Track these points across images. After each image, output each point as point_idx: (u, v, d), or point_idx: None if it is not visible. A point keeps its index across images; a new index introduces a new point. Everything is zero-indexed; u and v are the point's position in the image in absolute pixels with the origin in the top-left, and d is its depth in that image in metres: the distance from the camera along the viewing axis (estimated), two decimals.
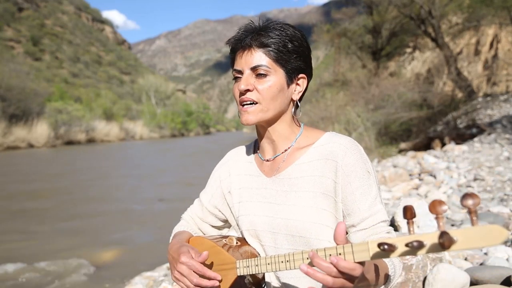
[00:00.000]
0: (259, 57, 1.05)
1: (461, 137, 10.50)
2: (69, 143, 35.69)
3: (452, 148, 8.84)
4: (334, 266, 0.74)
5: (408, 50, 23.83)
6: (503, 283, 1.92)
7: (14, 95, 32.38)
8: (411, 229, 0.68)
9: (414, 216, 0.68)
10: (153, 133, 55.13)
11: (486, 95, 15.95)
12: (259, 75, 1.05)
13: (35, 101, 34.76)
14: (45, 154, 25.58)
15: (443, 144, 10.64)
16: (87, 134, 39.54)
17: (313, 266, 0.78)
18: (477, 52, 20.52)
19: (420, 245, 0.64)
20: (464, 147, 8.69)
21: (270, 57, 1.05)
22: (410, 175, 6.37)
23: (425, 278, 1.97)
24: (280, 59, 1.05)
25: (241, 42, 1.07)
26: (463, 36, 19.98)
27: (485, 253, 2.50)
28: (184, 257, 1.02)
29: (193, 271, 1.01)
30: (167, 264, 4.11)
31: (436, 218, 0.64)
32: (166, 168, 16.22)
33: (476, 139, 9.64)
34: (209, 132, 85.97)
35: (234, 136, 61.41)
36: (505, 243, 2.74)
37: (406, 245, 0.65)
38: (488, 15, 17.22)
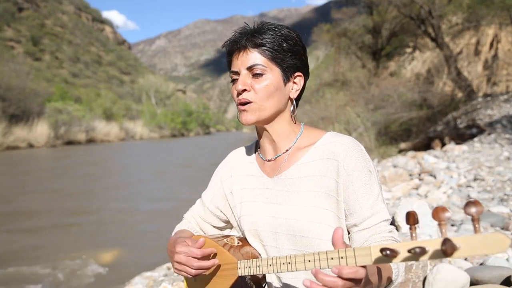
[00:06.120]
0: (254, 56, 1.06)
1: (461, 137, 10.49)
2: (69, 143, 35.66)
3: (452, 148, 8.84)
4: (338, 276, 0.74)
5: (408, 50, 23.81)
6: (503, 283, 1.92)
7: (14, 95, 32.34)
8: (414, 234, 0.67)
9: (417, 222, 0.67)
10: (153, 133, 55.11)
11: (486, 95, 15.92)
12: (256, 75, 1.06)
13: (35, 101, 34.72)
14: (45, 154, 25.58)
15: (443, 144, 10.64)
16: (87, 134, 39.48)
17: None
18: (477, 52, 20.52)
19: (423, 251, 0.64)
20: (464, 147, 8.69)
21: (265, 56, 1.06)
22: (410, 175, 6.37)
23: (425, 278, 1.97)
24: (275, 57, 1.06)
25: (236, 44, 1.08)
26: (463, 36, 19.96)
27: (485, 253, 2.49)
28: (179, 247, 1.04)
29: (192, 257, 1.02)
30: (167, 264, 4.11)
31: (439, 224, 0.64)
32: (167, 168, 16.22)
33: (476, 139, 9.63)
34: (209, 132, 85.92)
35: (234, 136, 61.39)
36: None
37: (409, 251, 0.65)
38: (488, 15, 17.20)
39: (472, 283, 1.97)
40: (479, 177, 5.21)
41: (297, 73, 1.11)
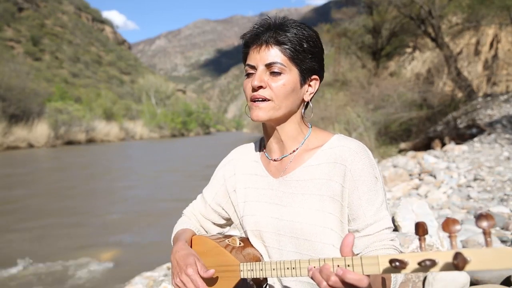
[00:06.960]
0: (275, 54, 1.03)
1: (461, 137, 10.50)
2: (69, 143, 35.66)
3: (452, 148, 8.84)
4: (340, 279, 0.74)
5: (408, 50, 23.80)
6: (503, 283, 1.92)
7: (14, 95, 32.34)
8: (423, 245, 0.67)
9: (426, 233, 0.66)
10: (153, 133, 55.14)
11: (486, 95, 15.92)
12: (274, 73, 1.03)
13: (35, 101, 34.72)
14: (45, 154, 25.57)
15: (443, 144, 10.66)
16: (87, 134, 39.48)
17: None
18: (477, 52, 20.51)
19: (433, 264, 0.62)
20: (464, 147, 8.69)
21: (286, 55, 1.03)
22: (410, 175, 6.37)
23: (425, 278, 1.97)
24: (295, 58, 1.03)
25: (257, 38, 1.05)
26: (463, 36, 19.96)
27: None
28: (190, 270, 1.02)
29: (195, 286, 1.01)
30: (167, 264, 4.11)
31: (450, 237, 0.63)
32: (167, 168, 16.22)
33: (476, 139, 9.64)
34: (209, 132, 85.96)
35: (234, 136, 61.37)
36: (505, 243, 2.74)
37: (419, 263, 0.64)
38: (488, 15, 17.20)
39: (472, 283, 1.97)
40: (479, 177, 5.21)
41: (313, 76, 1.09)
